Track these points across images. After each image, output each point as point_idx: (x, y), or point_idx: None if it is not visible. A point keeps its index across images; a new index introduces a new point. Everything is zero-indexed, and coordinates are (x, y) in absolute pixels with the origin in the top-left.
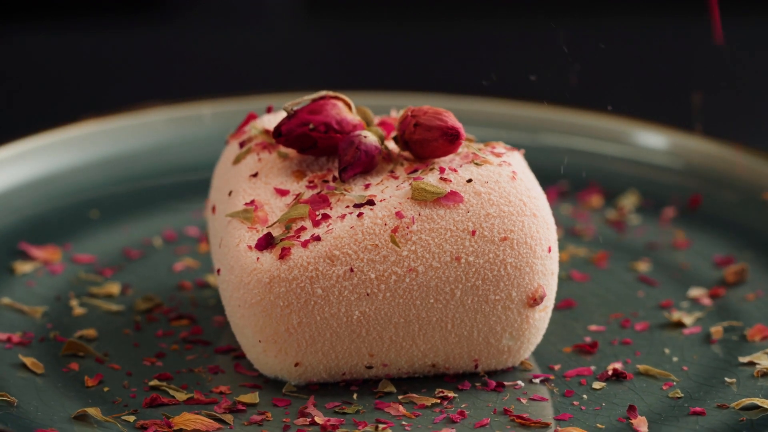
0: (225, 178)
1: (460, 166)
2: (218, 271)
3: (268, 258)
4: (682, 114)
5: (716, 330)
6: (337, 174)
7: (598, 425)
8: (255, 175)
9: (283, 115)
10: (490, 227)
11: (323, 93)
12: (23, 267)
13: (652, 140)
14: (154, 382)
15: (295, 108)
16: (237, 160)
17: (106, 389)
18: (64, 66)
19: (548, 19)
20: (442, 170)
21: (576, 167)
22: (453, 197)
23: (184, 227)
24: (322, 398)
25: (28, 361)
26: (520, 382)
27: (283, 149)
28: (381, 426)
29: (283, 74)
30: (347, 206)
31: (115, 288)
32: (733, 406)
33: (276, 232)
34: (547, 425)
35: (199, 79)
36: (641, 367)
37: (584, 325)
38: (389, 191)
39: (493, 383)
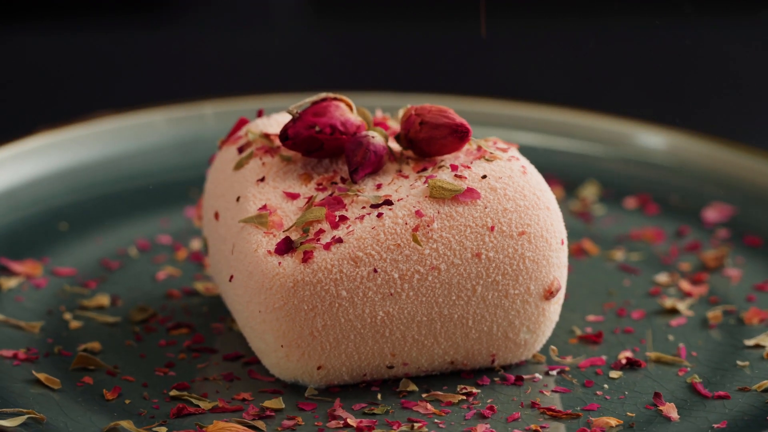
0: (227, 184)
1: (471, 162)
2: (231, 277)
3: (290, 262)
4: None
5: (714, 315)
6: (344, 175)
7: (628, 413)
8: (262, 179)
9: (276, 118)
10: (508, 222)
11: (324, 95)
12: (8, 282)
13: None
14: (174, 392)
15: (298, 111)
16: (239, 166)
17: (127, 401)
18: (64, 66)
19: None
20: (454, 167)
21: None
22: (470, 194)
23: (155, 236)
24: (346, 400)
25: (41, 377)
26: (538, 375)
27: (285, 152)
28: (416, 425)
29: (283, 75)
30: (363, 207)
31: (104, 300)
32: (755, 389)
33: (294, 236)
34: (577, 416)
35: (198, 79)
36: (652, 354)
37: (581, 316)
38: (404, 190)
39: (512, 377)
